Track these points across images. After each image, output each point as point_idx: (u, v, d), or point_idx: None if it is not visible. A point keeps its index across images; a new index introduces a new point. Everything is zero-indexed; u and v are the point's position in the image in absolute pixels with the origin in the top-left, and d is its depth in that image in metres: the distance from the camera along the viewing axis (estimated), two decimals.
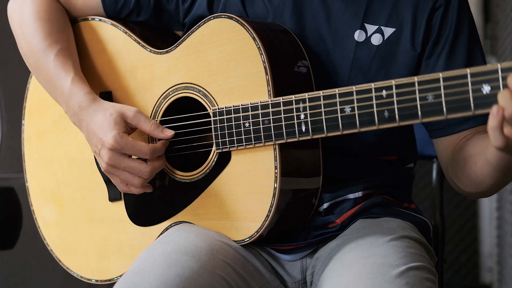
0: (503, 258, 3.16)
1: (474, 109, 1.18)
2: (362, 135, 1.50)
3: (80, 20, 1.70)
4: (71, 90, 1.55)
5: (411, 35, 1.50)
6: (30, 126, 1.78)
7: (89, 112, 1.51)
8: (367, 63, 1.50)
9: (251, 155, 1.45)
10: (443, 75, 1.21)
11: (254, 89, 1.44)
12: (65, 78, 1.56)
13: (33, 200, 1.78)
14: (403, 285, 1.29)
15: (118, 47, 1.64)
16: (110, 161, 1.47)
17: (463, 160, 1.44)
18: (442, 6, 1.50)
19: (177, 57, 1.55)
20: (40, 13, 1.63)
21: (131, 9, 1.64)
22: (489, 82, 1.16)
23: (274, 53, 1.44)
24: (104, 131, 1.47)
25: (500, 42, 3.16)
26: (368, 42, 1.50)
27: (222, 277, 1.37)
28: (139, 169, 1.46)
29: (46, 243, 1.75)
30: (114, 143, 1.45)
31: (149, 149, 1.46)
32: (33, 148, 1.77)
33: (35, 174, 1.77)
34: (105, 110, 1.50)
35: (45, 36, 1.60)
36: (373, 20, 1.51)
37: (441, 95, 1.21)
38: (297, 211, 1.49)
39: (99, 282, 1.67)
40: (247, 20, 1.46)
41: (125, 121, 1.48)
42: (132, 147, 1.45)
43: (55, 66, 1.57)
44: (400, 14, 1.50)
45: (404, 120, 1.26)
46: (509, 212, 2.97)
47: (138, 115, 1.49)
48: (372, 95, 1.29)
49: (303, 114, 1.37)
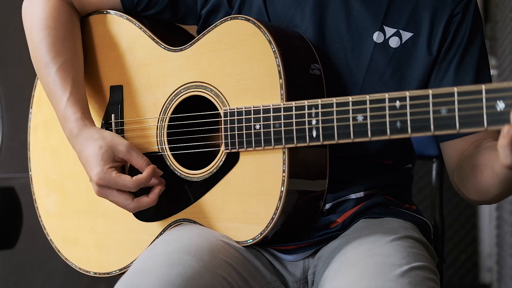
0: (502, 257, 3.17)
1: (487, 125, 1.19)
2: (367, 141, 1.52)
3: (95, 13, 1.69)
4: (64, 114, 1.57)
5: (427, 40, 1.52)
6: (38, 115, 1.77)
7: (79, 141, 1.54)
8: (383, 65, 1.52)
9: (260, 157, 1.45)
10: (458, 90, 1.22)
11: (266, 92, 1.44)
12: (61, 98, 1.58)
13: (36, 189, 1.77)
14: (405, 284, 1.29)
15: (132, 42, 1.64)
16: (99, 193, 1.51)
17: (470, 168, 1.46)
18: (460, 14, 1.53)
19: (191, 55, 1.55)
20: (48, 19, 1.62)
21: (148, 1, 1.64)
22: (504, 99, 1.17)
23: (289, 57, 1.44)
24: (90, 166, 1.50)
25: (499, 42, 3.17)
26: (386, 44, 1.53)
27: (223, 277, 1.37)
28: (124, 205, 1.51)
29: (46, 233, 1.75)
30: (98, 180, 1.49)
31: (133, 183, 1.48)
32: (39, 136, 1.77)
33: (39, 163, 1.77)
34: (94, 142, 1.52)
35: (50, 47, 1.60)
36: (392, 23, 1.53)
37: (454, 109, 1.22)
38: (302, 214, 1.50)
39: (97, 274, 1.67)
40: (264, 23, 1.47)
41: (114, 155, 1.51)
42: (115, 183, 1.48)
43: (55, 81, 1.59)
44: (418, 19, 1.53)
45: (416, 131, 1.27)
46: (508, 212, 2.98)
47: (131, 151, 1.51)
48: (385, 105, 1.30)
49: (315, 120, 1.38)
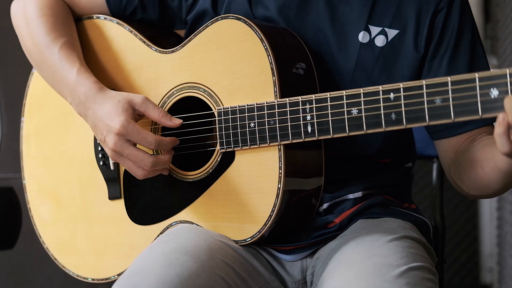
0: (503, 258, 3.17)
1: (482, 113, 1.20)
2: (363, 140, 1.52)
3: (85, 19, 1.70)
4: (77, 81, 1.55)
5: (414, 37, 1.52)
6: (30, 123, 1.77)
7: (96, 100, 1.51)
8: (370, 64, 1.52)
9: (255, 155, 1.45)
10: (451, 79, 1.22)
11: (260, 90, 1.44)
12: (71, 69, 1.56)
13: (30, 197, 1.77)
14: (404, 285, 1.29)
15: (123, 46, 1.64)
16: (115, 147, 1.46)
17: (469, 164, 1.45)
18: (445, 8, 1.52)
19: (183, 56, 1.55)
20: (44, 9, 1.64)
21: (135, 7, 1.65)
22: (497, 87, 1.18)
23: (281, 55, 1.45)
24: (111, 117, 1.46)
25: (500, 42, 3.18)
26: (372, 44, 1.52)
27: (221, 277, 1.36)
28: (141, 158, 1.46)
29: (42, 241, 1.74)
30: (120, 128, 1.45)
31: (154, 139, 1.46)
32: (32, 145, 1.76)
33: (33, 172, 1.76)
34: (112, 98, 1.50)
35: (50, 30, 1.61)
36: (377, 21, 1.53)
37: (449, 99, 1.23)
38: (299, 211, 1.50)
39: (96, 280, 1.66)
40: (255, 22, 1.47)
41: (133, 108, 1.49)
42: (138, 133, 1.45)
43: (60, 58, 1.58)
44: (403, 16, 1.53)
45: (411, 122, 1.28)
46: (509, 212, 2.98)
47: (147, 102, 1.49)
48: (379, 97, 1.30)
49: (310, 115, 1.38)
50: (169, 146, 1.50)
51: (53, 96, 1.65)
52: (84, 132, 1.66)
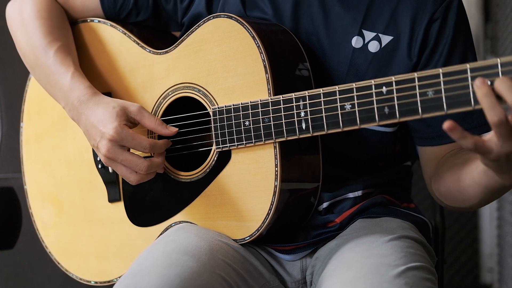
0: (503, 258, 3.16)
1: (474, 103, 1.19)
2: (362, 143, 1.51)
3: (79, 22, 1.70)
4: (71, 85, 1.55)
5: (408, 44, 1.49)
6: (29, 128, 1.77)
7: (89, 106, 1.51)
8: (363, 70, 1.50)
9: (251, 154, 1.45)
10: (443, 71, 1.21)
11: (254, 88, 1.44)
12: (65, 73, 1.56)
13: (32, 202, 1.77)
14: (402, 285, 1.28)
15: (117, 48, 1.64)
16: (108, 153, 1.45)
17: (448, 177, 1.44)
18: (440, 19, 1.48)
19: (177, 57, 1.55)
20: (40, 11, 1.64)
21: (130, 9, 1.65)
22: (489, 77, 1.17)
23: (274, 52, 1.44)
24: (104, 123, 1.46)
25: (500, 42, 3.16)
26: (365, 49, 1.50)
27: (222, 277, 1.36)
28: (136, 163, 1.45)
29: (45, 245, 1.75)
30: (114, 133, 1.44)
31: (149, 143, 1.45)
32: (32, 150, 1.77)
33: (33, 176, 1.77)
34: (106, 104, 1.50)
35: (46, 33, 1.61)
36: (371, 27, 1.50)
37: (441, 91, 1.22)
38: (297, 209, 1.49)
39: (98, 283, 1.67)
40: (246, 20, 1.46)
41: (127, 115, 1.48)
42: (132, 139, 1.44)
43: (55, 62, 1.58)
44: (398, 22, 1.49)
45: (404, 116, 1.27)
46: (509, 212, 2.96)
47: (142, 111, 1.49)
48: (372, 91, 1.30)
49: (303, 111, 1.38)
50: (163, 148, 1.50)
51: (51, 100, 1.65)
52: (83, 136, 1.66)
